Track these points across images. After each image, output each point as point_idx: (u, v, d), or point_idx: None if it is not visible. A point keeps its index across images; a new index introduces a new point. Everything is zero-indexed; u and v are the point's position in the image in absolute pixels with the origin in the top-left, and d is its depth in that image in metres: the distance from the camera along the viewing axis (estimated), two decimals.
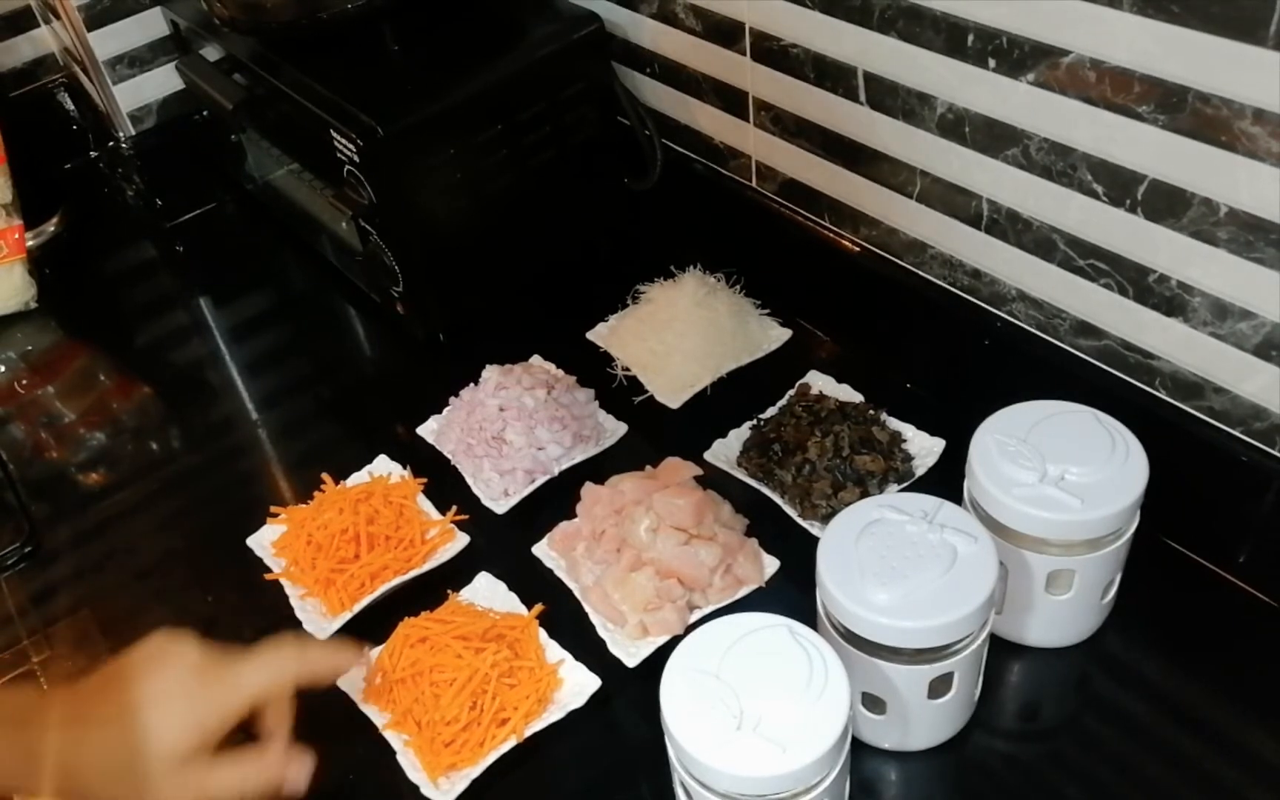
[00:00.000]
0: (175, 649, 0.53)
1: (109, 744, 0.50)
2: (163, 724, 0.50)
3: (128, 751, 0.50)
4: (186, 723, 0.51)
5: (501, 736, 0.61)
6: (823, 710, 0.49)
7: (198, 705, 0.52)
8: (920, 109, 0.68)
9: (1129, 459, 0.57)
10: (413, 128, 0.82)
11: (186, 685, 0.52)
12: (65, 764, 0.49)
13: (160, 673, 0.52)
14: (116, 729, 0.50)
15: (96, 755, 0.50)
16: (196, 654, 0.53)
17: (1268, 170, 0.52)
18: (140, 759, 0.50)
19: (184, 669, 0.53)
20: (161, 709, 0.51)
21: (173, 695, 0.51)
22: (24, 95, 1.21)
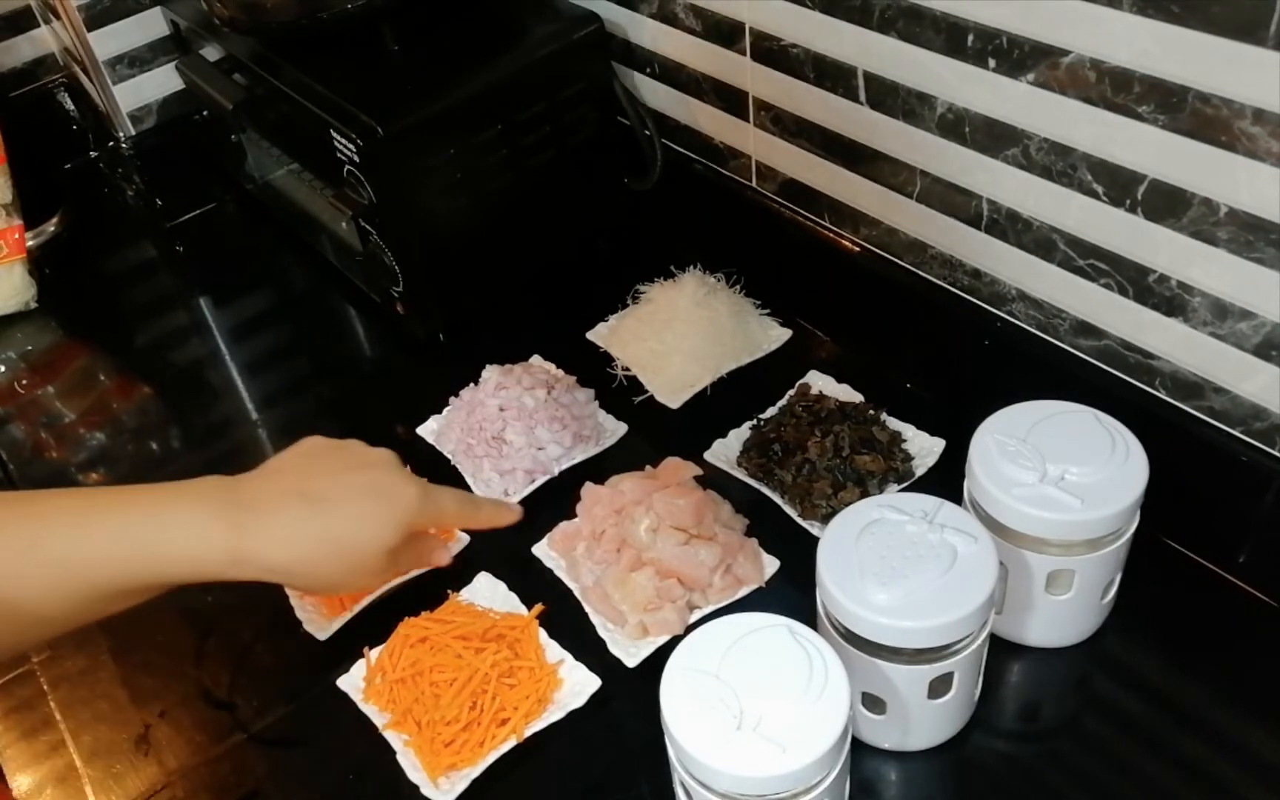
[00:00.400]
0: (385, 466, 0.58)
1: (329, 533, 0.54)
2: (373, 521, 0.55)
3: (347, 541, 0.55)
4: (389, 524, 0.56)
5: (501, 736, 0.61)
6: (823, 710, 0.49)
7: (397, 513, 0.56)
8: (920, 109, 0.68)
9: (1129, 459, 0.57)
10: (413, 128, 0.82)
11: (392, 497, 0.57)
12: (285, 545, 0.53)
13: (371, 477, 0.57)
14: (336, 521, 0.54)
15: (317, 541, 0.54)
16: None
17: (1268, 170, 0.52)
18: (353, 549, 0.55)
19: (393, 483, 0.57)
20: (369, 508, 0.55)
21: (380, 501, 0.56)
22: (24, 95, 1.22)
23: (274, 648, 0.70)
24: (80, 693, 0.70)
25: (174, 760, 0.65)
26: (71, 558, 0.50)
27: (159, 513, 0.52)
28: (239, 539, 0.52)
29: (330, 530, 0.54)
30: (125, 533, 0.51)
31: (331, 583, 0.57)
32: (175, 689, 0.69)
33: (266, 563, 0.53)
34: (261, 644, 0.71)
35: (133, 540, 0.51)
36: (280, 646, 0.70)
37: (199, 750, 0.65)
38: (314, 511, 0.54)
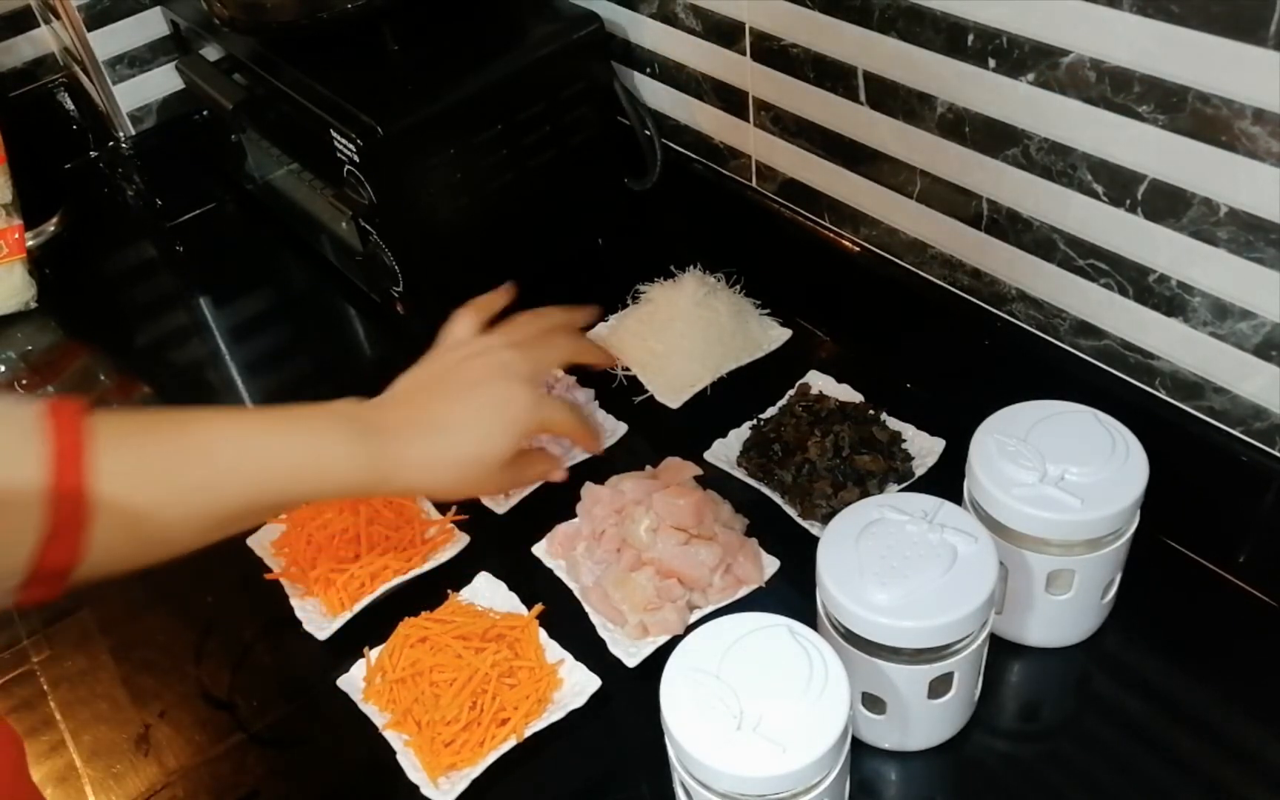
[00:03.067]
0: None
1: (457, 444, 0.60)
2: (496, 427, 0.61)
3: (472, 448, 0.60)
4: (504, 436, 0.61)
5: (501, 736, 0.61)
6: (823, 710, 0.49)
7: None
8: (920, 109, 0.68)
9: (1129, 459, 0.57)
10: (413, 127, 0.82)
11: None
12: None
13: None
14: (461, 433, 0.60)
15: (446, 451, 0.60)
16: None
17: (1268, 170, 0.52)
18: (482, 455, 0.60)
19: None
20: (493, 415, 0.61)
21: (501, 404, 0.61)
22: (24, 95, 1.22)
23: (274, 647, 0.70)
24: (80, 693, 0.70)
25: (174, 760, 0.65)
26: (234, 475, 0.54)
27: (311, 436, 0.57)
28: (380, 463, 0.58)
29: (452, 451, 0.60)
30: (278, 454, 0.56)
31: (457, 493, 0.65)
32: (175, 689, 0.69)
33: (403, 482, 0.60)
34: (261, 644, 0.71)
35: (286, 462, 0.56)
36: (280, 646, 0.70)
37: (199, 750, 0.65)
38: (439, 437, 0.60)
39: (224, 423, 0.56)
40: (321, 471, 0.56)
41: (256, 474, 0.55)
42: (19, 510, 0.47)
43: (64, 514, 0.48)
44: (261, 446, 0.55)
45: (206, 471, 0.53)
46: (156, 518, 0.52)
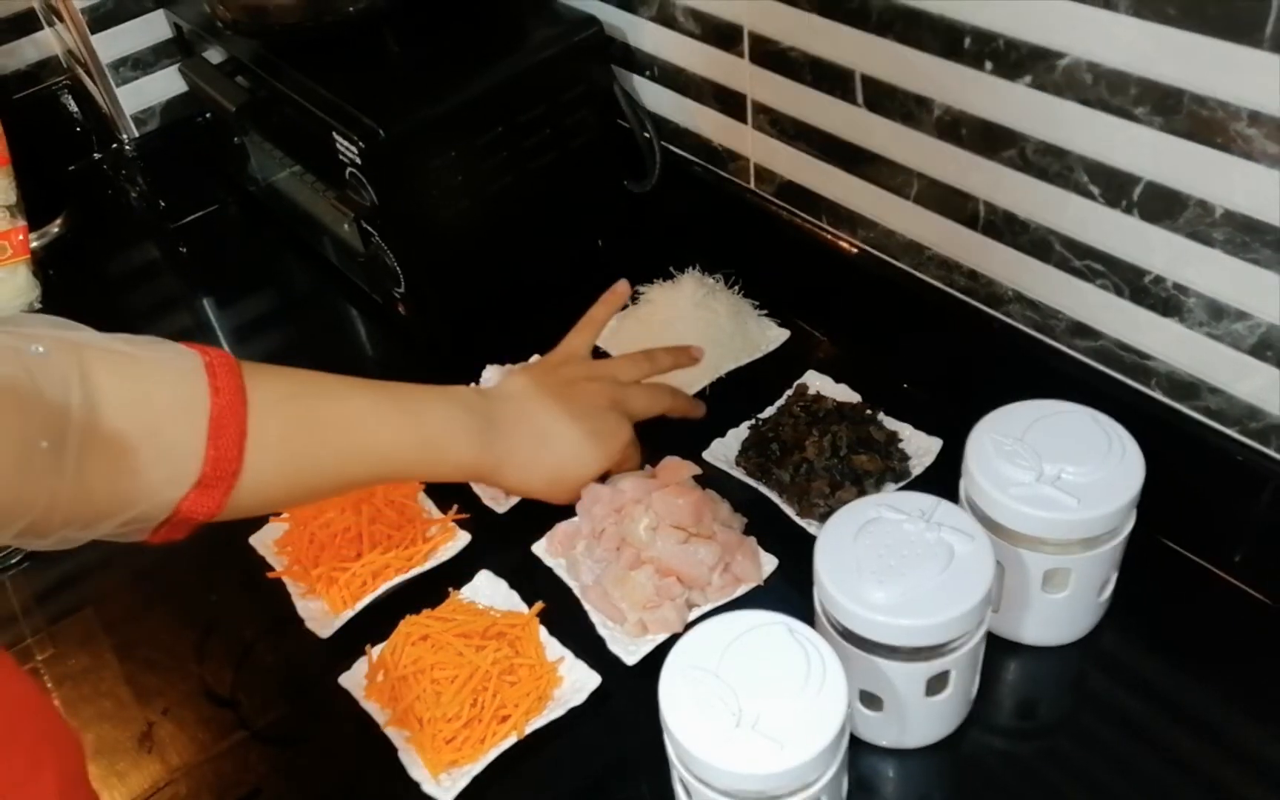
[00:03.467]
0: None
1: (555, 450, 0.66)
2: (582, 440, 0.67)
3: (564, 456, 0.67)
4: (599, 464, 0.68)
5: (502, 733, 0.61)
6: (821, 708, 0.49)
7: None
8: (918, 111, 0.69)
9: (1125, 458, 0.58)
10: (414, 130, 0.82)
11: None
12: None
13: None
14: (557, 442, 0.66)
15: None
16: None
17: (1263, 172, 0.53)
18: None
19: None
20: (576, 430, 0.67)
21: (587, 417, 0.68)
22: (28, 97, 1.22)
23: (276, 646, 0.71)
24: (83, 690, 0.70)
25: (177, 758, 0.66)
26: (374, 450, 0.58)
27: (440, 420, 0.61)
28: (489, 456, 0.63)
29: (553, 461, 0.66)
30: (410, 432, 0.60)
31: (544, 497, 0.69)
32: (178, 687, 0.70)
33: (502, 478, 0.66)
34: (263, 642, 0.71)
35: (415, 439, 0.60)
36: (282, 644, 0.70)
37: (202, 748, 0.66)
38: (543, 448, 0.66)
39: (363, 397, 0.59)
40: (443, 456, 0.61)
41: (387, 452, 0.59)
42: (178, 459, 0.50)
43: (216, 471, 0.51)
44: (396, 428, 0.59)
45: (343, 444, 0.57)
46: (290, 481, 0.56)
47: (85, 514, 0.48)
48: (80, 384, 0.47)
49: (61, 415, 0.46)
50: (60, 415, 0.46)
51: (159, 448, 0.49)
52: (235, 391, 0.51)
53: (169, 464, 0.50)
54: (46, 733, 0.42)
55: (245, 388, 0.52)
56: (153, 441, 0.49)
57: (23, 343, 0.46)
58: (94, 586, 0.77)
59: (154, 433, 0.49)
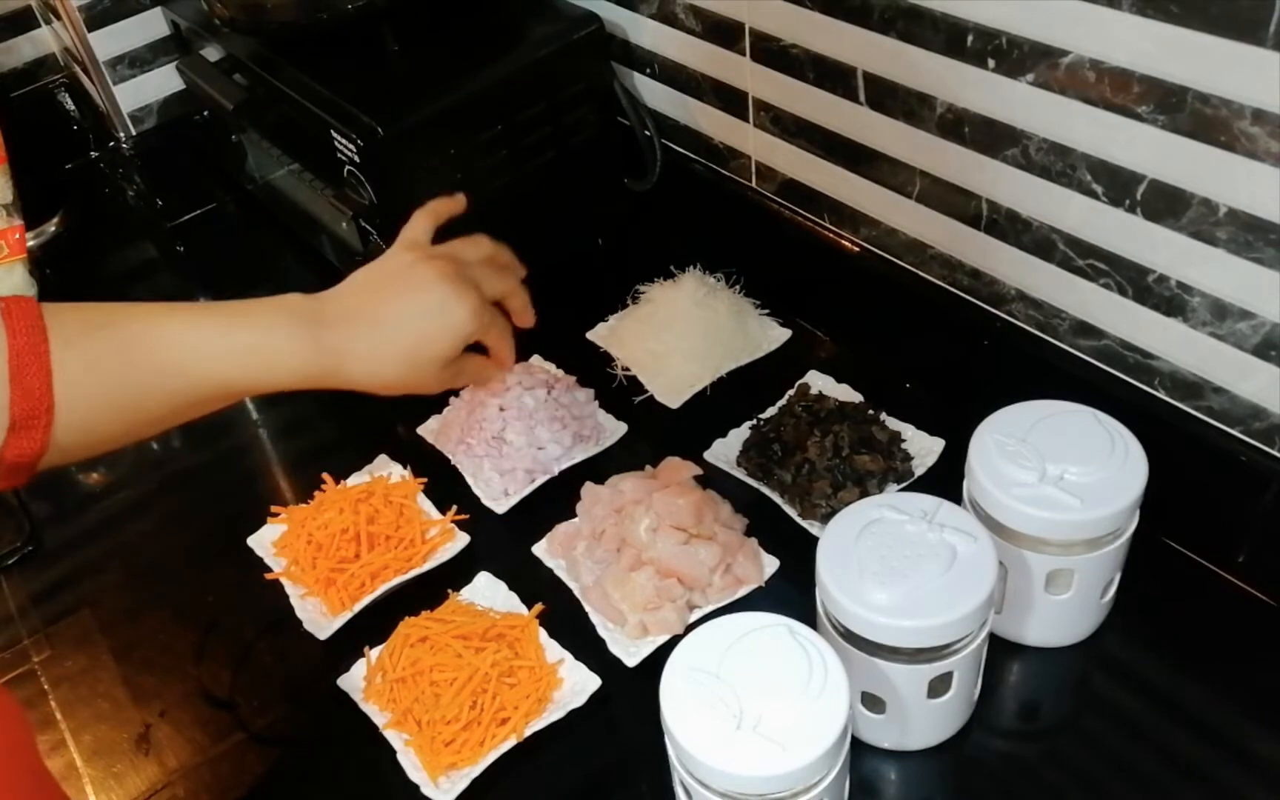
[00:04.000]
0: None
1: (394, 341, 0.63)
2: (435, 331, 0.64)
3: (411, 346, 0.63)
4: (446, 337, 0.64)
5: (502, 736, 0.61)
6: (822, 709, 0.49)
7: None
8: (920, 109, 0.68)
9: (1128, 459, 0.57)
10: (413, 128, 0.82)
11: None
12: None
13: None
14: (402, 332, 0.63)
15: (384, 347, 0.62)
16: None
17: (1267, 170, 0.52)
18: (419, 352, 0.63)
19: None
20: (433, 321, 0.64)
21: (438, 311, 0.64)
22: (25, 95, 1.22)
23: (274, 647, 0.70)
24: (81, 692, 0.70)
25: (174, 759, 0.65)
26: (191, 364, 0.57)
27: (260, 329, 0.59)
28: (325, 357, 0.60)
29: (394, 346, 0.62)
30: (229, 345, 0.58)
31: (400, 388, 0.65)
32: (176, 688, 0.69)
33: (347, 375, 0.62)
34: (262, 643, 0.71)
35: (237, 353, 0.58)
36: (280, 646, 0.70)
37: (199, 750, 0.66)
38: (384, 333, 0.62)
39: (176, 317, 0.58)
40: (270, 363, 0.59)
41: (209, 366, 0.57)
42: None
43: (26, 411, 0.50)
44: (213, 339, 0.57)
45: (159, 364, 0.56)
46: (115, 408, 0.54)
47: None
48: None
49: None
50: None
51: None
52: (32, 330, 0.51)
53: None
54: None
55: (45, 325, 0.52)
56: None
57: None
58: (91, 587, 0.77)
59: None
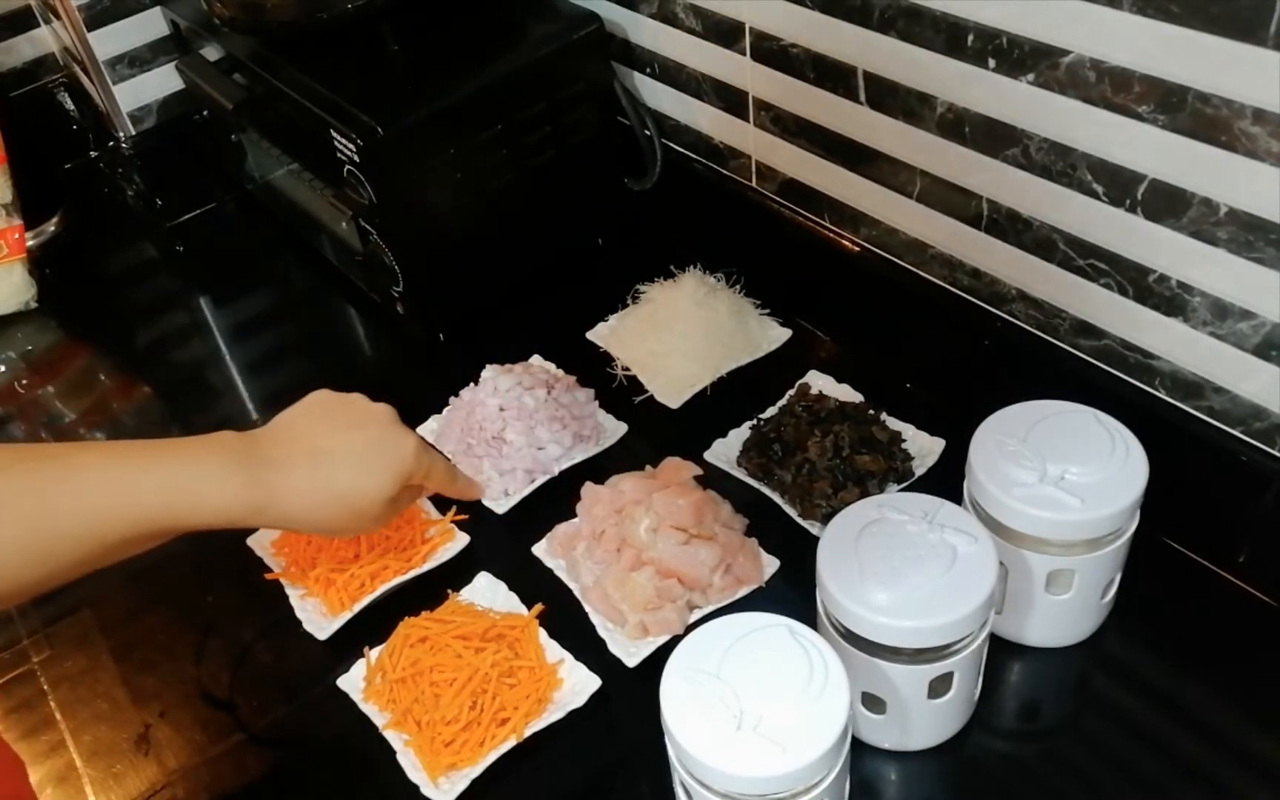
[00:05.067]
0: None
1: (326, 482, 0.59)
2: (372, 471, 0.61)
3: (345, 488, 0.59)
4: (387, 476, 0.61)
5: (501, 736, 0.61)
6: (823, 710, 0.49)
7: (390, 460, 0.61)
8: (920, 109, 0.68)
9: (1129, 459, 0.57)
10: (413, 127, 0.82)
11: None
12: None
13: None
14: (336, 470, 0.59)
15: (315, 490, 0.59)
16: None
17: (1267, 170, 0.52)
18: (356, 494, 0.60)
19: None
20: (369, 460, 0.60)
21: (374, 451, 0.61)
22: (24, 95, 1.22)
23: (274, 647, 0.70)
24: (80, 692, 0.70)
25: (174, 760, 0.65)
26: (99, 505, 0.53)
27: (185, 464, 0.56)
28: (256, 492, 0.56)
29: (335, 484, 0.59)
30: (152, 482, 0.54)
31: (337, 529, 0.63)
32: (175, 689, 0.69)
33: (280, 512, 0.58)
34: (261, 644, 0.71)
35: (159, 490, 0.54)
36: (280, 646, 0.70)
37: (199, 750, 0.65)
38: (321, 468, 0.59)
39: (91, 455, 0.54)
40: (196, 500, 0.55)
41: (126, 504, 0.53)
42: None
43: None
44: (132, 476, 0.54)
45: (74, 504, 0.52)
46: (25, 552, 0.51)
47: None
48: None
49: None
50: None
51: None
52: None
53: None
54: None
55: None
56: None
57: None
58: (91, 588, 0.76)
59: None
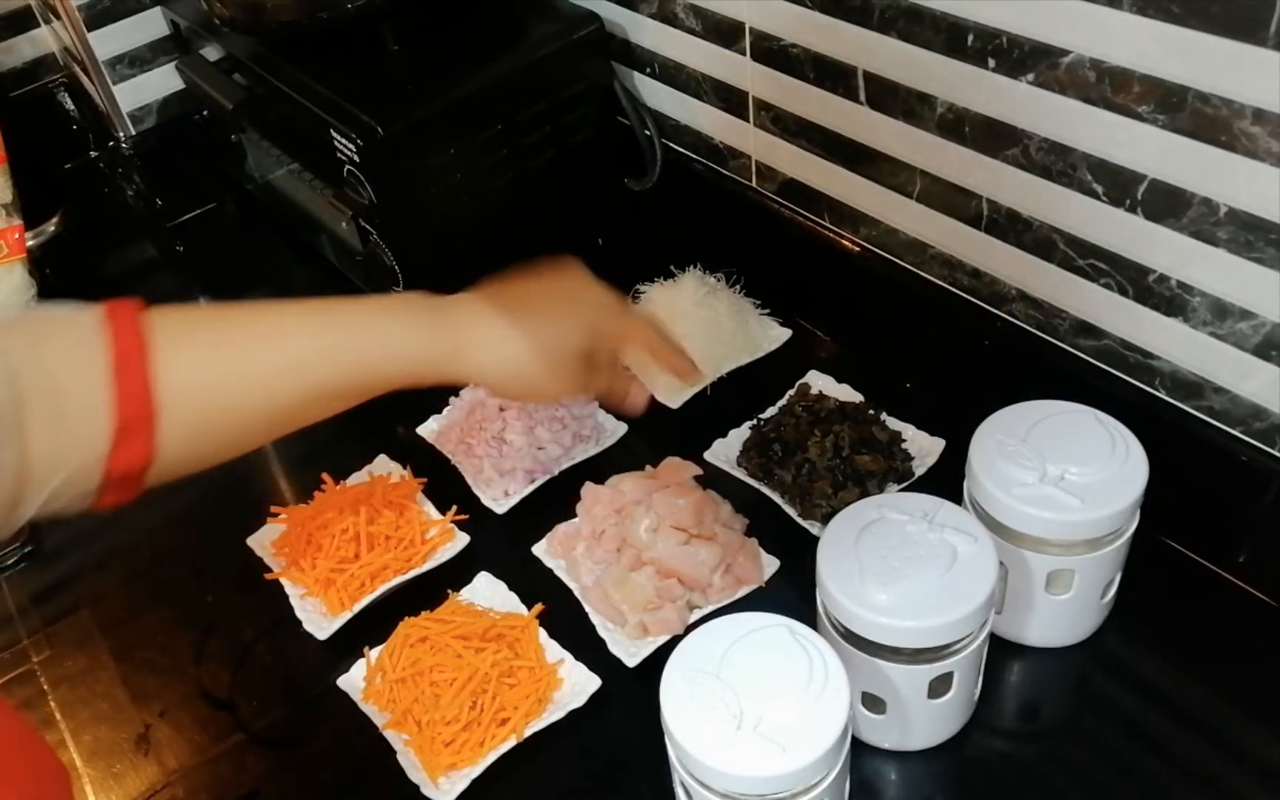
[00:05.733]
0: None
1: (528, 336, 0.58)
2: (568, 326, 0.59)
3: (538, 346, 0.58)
4: (579, 324, 0.59)
5: (501, 736, 0.61)
6: (823, 710, 0.49)
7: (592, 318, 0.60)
8: (920, 109, 0.68)
9: (1129, 459, 0.57)
10: (413, 127, 0.82)
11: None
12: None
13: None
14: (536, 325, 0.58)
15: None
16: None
17: (1267, 170, 0.52)
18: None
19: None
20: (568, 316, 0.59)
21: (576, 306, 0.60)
22: (24, 95, 1.21)
23: (274, 647, 0.70)
24: (80, 692, 0.70)
25: (174, 760, 0.65)
26: (304, 360, 0.53)
27: (375, 319, 0.56)
28: (443, 343, 0.56)
29: (527, 335, 0.58)
30: (352, 337, 0.55)
31: (526, 382, 0.60)
32: (175, 689, 0.69)
33: (468, 365, 0.57)
34: (261, 644, 0.71)
35: (359, 344, 0.55)
36: (280, 646, 0.70)
37: (199, 750, 0.66)
38: (513, 321, 0.58)
39: (284, 313, 0.55)
40: (388, 353, 0.55)
41: (320, 361, 0.54)
42: (85, 415, 0.47)
43: (129, 417, 0.48)
44: (322, 333, 0.54)
45: (269, 361, 0.53)
46: (224, 410, 0.52)
47: (8, 494, 0.46)
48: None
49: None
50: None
51: (64, 408, 0.47)
52: (134, 332, 0.50)
53: (79, 422, 0.47)
54: (36, 769, 0.41)
55: (147, 327, 0.50)
56: (54, 403, 0.47)
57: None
58: (91, 588, 0.77)
59: (54, 394, 0.47)
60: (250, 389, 0.52)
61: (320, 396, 0.54)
